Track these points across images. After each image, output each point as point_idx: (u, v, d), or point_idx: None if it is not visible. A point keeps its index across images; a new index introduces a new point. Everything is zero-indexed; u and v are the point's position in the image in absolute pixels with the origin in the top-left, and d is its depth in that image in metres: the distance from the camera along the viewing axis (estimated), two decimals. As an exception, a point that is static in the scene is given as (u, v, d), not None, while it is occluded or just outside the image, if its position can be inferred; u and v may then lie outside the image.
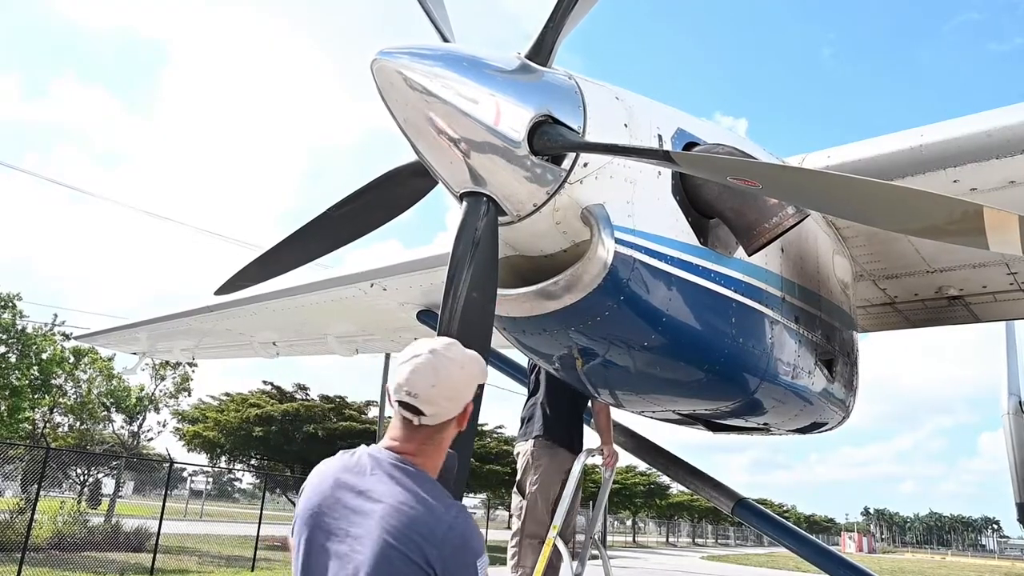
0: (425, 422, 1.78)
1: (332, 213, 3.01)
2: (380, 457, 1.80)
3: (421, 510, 1.66)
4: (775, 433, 4.11)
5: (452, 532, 1.65)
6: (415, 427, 1.80)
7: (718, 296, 2.92)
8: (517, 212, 2.51)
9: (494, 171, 2.38)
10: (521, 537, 4.18)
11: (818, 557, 4.22)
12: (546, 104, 2.42)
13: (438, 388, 1.77)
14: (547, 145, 2.39)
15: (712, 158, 2.38)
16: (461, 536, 1.66)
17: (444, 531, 1.64)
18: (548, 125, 2.41)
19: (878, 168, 3.44)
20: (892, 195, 2.04)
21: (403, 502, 1.68)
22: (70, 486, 27.05)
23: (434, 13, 2.61)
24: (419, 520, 1.65)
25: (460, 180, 2.42)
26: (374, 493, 1.71)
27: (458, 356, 1.84)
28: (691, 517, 70.04)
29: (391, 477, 1.74)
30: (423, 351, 1.81)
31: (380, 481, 1.74)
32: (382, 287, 5.71)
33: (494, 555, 15.07)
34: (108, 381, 23.66)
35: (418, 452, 1.80)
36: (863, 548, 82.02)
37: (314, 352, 8.58)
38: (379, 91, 2.30)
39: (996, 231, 1.94)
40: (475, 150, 2.33)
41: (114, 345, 10.35)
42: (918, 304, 4.69)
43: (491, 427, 36.28)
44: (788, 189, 2.27)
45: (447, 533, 1.64)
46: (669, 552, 50.09)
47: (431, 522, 1.65)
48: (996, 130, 3.14)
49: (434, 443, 1.83)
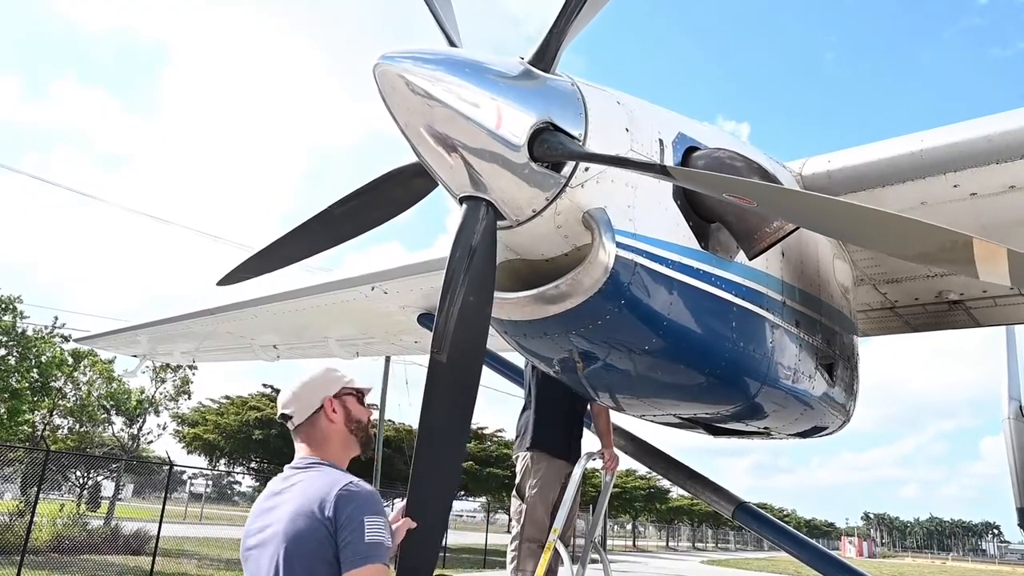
0: (298, 416, 2.30)
1: (334, 210, 3.03)
2: (289, 466, 2.28)
3: (319, 482, 2.09)
4: (776, 437, 4.11)
5: (344, 491, 2.02)
6: (299, 431, 2.32)
7: (719, 300, 2.92)
8: (516, 217, 2.52)
9: (494, 176, 2.38)
10: (520, 541, 4.18)
11: (818, 561, 4.21)
12: (548, 110, 2.43)
13: (286, 393, 2.35)
14: (547, 153, 2.39)
15: (708, 175, 2.38)
16: (351, 494, 2.02)
17: (337, 491, 2.02)
18: (549, 132, 2.41)
19: (879, 172, 3.45)
20: (883, 221, 2.06)
21: (306, 481, 2.14)
22: (69, 489, 27.02)
23: (442, 16, 2.62)
24: (318, 487, 2.06)
25: (460, 184, 2.43)
26: (284, 491, 2.16)
27: (307, 373, 2.40)
28: (691, 521, 69.96)
29: (299, 471, 2.21)
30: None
31: (288, 480, 2.20)
32: (383, 290, 5.71)
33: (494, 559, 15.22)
34: (108, 384, 23.65)
35: (310, 447, 2.29)
36: (863, 553, 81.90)
37: (315, 355, 8.58)
38: (381, 95, 2.30)
39: (985, 262, 2.00)
40: (475, 155, 2.34)
41: (114, 348, 10.35)
42: (919, 308, 4.69)
43: (491, 431, 36.25)
44: (781, 208, 2.33)
45: (339, 492, 2.02)
46: (669, 556, 50.02)
47: (326, 487, 2.05)
48: (996, 135, 3.15)
49: (314, 432, 2.30)
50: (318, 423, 2.31)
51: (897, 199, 3.52)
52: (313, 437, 2.30)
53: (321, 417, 2.31)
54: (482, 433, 35.73)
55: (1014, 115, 3.17)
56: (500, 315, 2.81)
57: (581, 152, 2.44)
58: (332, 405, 2.33)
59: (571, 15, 2.40)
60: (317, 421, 2.31)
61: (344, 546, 1.95)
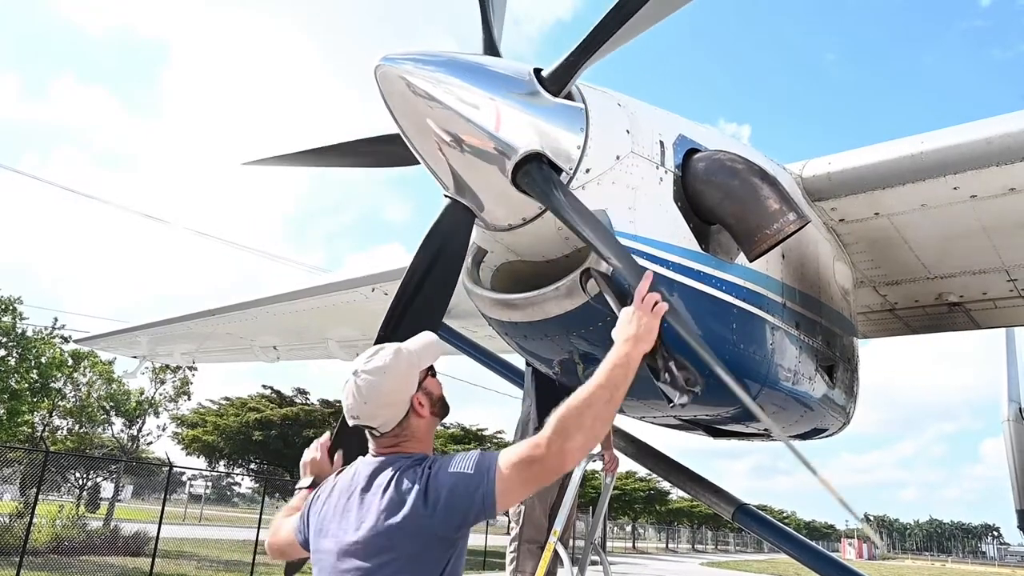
0: (382, 431, 2.02)
1: (342, 144, 3.20)
2: (367, 462, 2.06)
3: (407, 462, 1.97)
4: (775, 439, 4.11)
5: (434, 457, 1.98)
6: (379, 436, 2.05)
7: (719, 302, 2.92)
8: (494, 224, 2.61)
9: (481, 184, 2.45)
10: (519, 542, 4.18)
11: (818, 563, 4.21)
12: (543, 132, 2.42)
13: (370, 404, 1.99)
14: (526, 185, 2.38)
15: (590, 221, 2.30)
16: (440, 457, 1.96)
17: (429, 460, 1.96)
18: (534, 165, 2.36)
19: (879, 175, 3.45)
20: None
21: (392, 472, 1.96)
22: (69, 490, 27.02)
23: (494, 28, 2.64)
24: (409, 464, 1.96)
25: (452, 186, 2.49)
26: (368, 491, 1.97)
27: (377, 366, 2.02)
28: (691, 523, 69.93)
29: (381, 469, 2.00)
30: (349, 375, 2.03)
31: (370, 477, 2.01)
32: (383, 292, 5.71)
33: (493, 560, 15.21)
34: (107, 385, 23.66)
35: (398, 445, 2.04)
36: (863, 555, 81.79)
37: (315, 356, 8.58)
38: (382, 96, 2.32)
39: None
40: (467, 159, 2.38)
41: (114, 348, 10.35)
42: (918, 310, 4.69)
43: (491, 432, 36.22)
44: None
45: (431, 459, 1.96)
46: (669, 558, 49.97)
47: (416, 458, 1.97)
48: (996, 137, 3.15)
49: (406, 438, 2.05)
50: (408, 425, 2.05)
51: (897, 201, 3.53)
52: (401, 438, 2.05)
53: (411, 417, 2.05)
54: (482, 434, 35.72)
55: (1014, 117, 3.18)
56: (501, 316, 2.82)
57: (552, 199, 2.34)
58: (419, 399, 2.06)
59: (591, 51, 2.39)
60: (409, 423, 2.05)
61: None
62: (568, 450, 1.82)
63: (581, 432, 1.83)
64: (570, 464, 1.88)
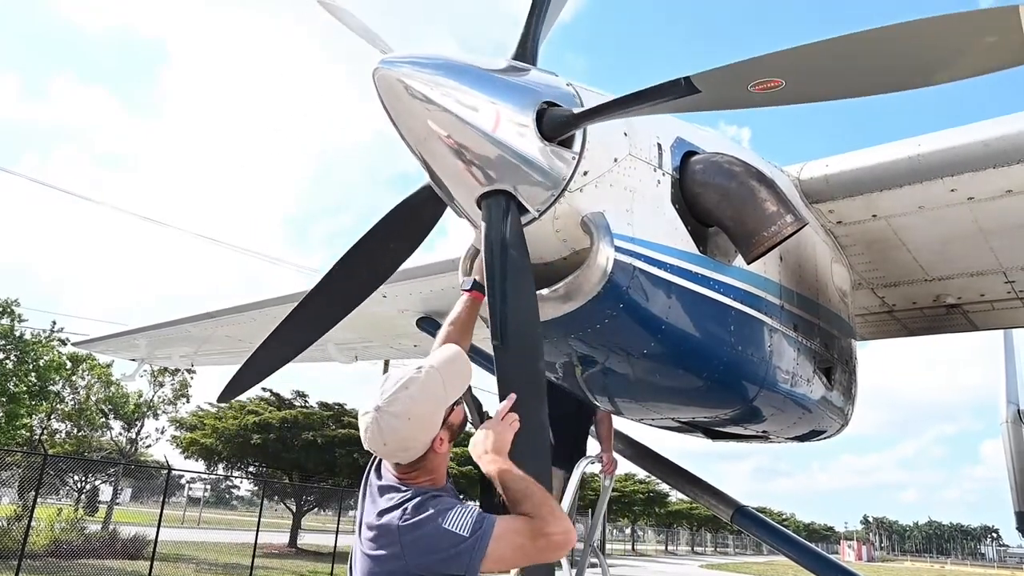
0: (405, 461, 1.98)
1: (350, 258, 2.98)
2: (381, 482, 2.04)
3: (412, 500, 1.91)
4: (774, 441, 4.11)
5: (405, 513, 1.88)
6: (401, 465, 2.00)
7: (717, 304, 2.92)
8: (536, 207, 2.48)
9: (505, 166, 2.36)
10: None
11: (817, 565, 4.21)
12: (545, 94, 2.45)
13: (390, 445, 1.94)
14: (554, 125, 2.38)
15: (730, 69, 2.08)
16: (416, 509, 1.87)
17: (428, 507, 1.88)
18: (551, 108, 2.42)
19: (876, 177, 3.46)
20: (909, 32, 1.83)
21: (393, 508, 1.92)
22: (67, 493, 26.98)
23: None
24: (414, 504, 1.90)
25: (471, 184, 2.41)
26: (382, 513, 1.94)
27: (402, 410, 1.92)
28: (690, 525, 69.83)
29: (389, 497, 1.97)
30: (369, 409, 1.94)
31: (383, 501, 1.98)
32: (382, 294, 5.71)
33: (493, 563, 14.81)
34: (106, 388, 23.64)
35: (411, 477, 2.00)
36: (862, 557, 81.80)
37: (313, 359, 8.57)
38: (381, 99, 2.31)
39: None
40: (483, 151, 2.33)
41: (113, 351, 10.33)
42: (916, 312, 4.70)
43: (490, 434, 36.13)
44: (813, 77, 2.04)
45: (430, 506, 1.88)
46: (668, 560, 49.93)
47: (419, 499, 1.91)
48: (993, 140, 3.16)
49: (419, 471, 2.00)
50: (426, 461, 2.00)
51: (895, 203, 3.53)
52: (416, 469, 2.00)
53: (428, 455, 1.99)
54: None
55: (1011, 120, 3.19)
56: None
57: (587, 111, 2.40)
58: (440, 437, 2.00)
59: (540, 13, 2.58)
60: (423, 461, 1.99)
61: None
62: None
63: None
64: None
